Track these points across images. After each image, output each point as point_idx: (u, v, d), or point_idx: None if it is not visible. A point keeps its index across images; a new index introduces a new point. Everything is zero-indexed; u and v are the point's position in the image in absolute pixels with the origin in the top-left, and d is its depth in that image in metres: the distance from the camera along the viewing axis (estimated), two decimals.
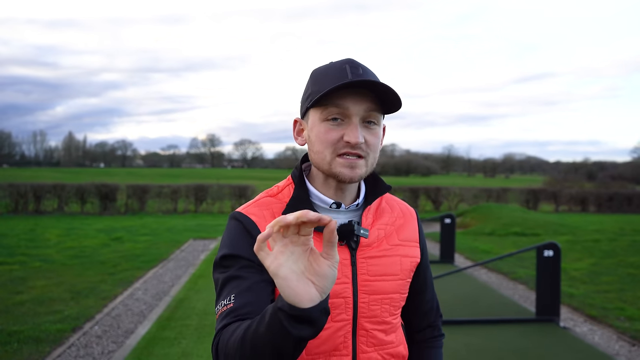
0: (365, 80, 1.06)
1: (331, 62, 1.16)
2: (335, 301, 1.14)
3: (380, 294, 1.18)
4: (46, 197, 17.26)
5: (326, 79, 1.11)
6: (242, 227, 1.15)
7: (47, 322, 5.26)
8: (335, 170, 1.12)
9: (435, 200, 20.93)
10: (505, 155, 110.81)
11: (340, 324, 1.15)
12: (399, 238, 1.26)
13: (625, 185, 32.56)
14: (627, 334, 5.34)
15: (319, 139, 1.13)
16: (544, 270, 5.55)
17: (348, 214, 1.22)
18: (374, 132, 1.14)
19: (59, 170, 65.22)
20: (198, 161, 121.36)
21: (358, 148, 1.11)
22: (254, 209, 1.19)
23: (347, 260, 1.16)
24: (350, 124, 1.10)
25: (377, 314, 1.18)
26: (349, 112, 1.10)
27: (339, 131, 1.11)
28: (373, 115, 1.13)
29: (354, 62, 1.13)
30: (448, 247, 9.17)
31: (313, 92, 1.13)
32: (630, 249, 10.90)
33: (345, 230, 1.14)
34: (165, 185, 19.16)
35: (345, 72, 1.09)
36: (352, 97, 1.09)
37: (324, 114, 1.11)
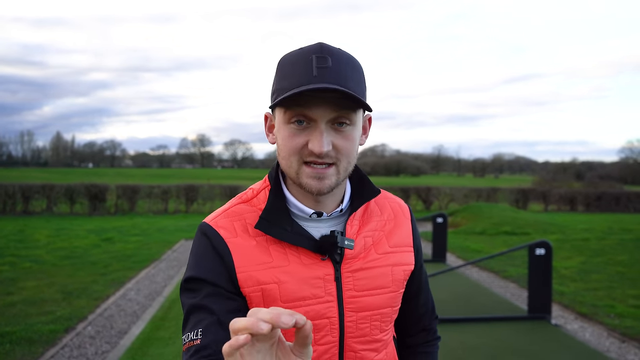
0: (323, 87, 0.92)
1: (301, 49, 1.00)
2: (319, 322, 1.02)
3: (369, 311, 1.07)
4: (35, 198, 17.09)
5: (291, 75, 0.96)
6: (209, 245, 1.03)
7: (39, 322, 5.22)
8: (302, 180, 1.00)
9: (426, 200, 21.04)
10: (495, 155, 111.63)
11: (325, 347, 1.04)
12: (390, 244, 1.13)
13: (613, 185, 32.94)
14: (617, 331, 5.41)
15: (284, 144, 1.00)
16: (535, 269, 5.60)
17: (330, 222, 1.09)
18: (345, 135, 0.99)
19: (46, 171, 64.57)
20: (188, 161, 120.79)
21: (325, 157, 0.98)
22: (224, 221, 1.05)
23: (331, 275, 1.04)
24: (315, 130, 0.96)
25: (367, 332, 1.07)
26: (313, 116, 0.96)
27: (303, 136, 0.98)
28: (344, 116, 0.97)
29: (324, 50, 0.96)
30: (440, 246, 9.23)
31: (277, 90, 0.99)
32: (618, 248, 11.04)
33: (327, 242, 1.03)
34: (156, 186, 19.06)
35: (310, 67, 0.94)
36: (316, 99, 0.94)
37: (287, 116, 0.98)
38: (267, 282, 1.00)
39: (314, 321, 1.02)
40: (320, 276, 1.03)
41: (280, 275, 1.00)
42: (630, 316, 5.90)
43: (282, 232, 1.02)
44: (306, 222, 1.07)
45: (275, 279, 1.00)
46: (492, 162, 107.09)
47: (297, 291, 1.01)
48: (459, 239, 12.39)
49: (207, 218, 1.09)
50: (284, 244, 1.03)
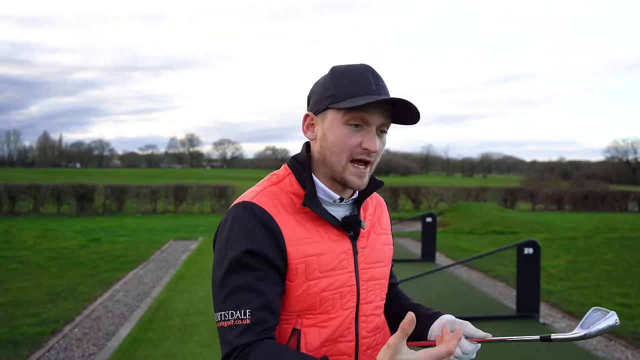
0: (394, 99, 1.13)
1: (350, 65, 1.22)
2: (344, 289, 1.20)
3: (374, 280, 1.27)
4: (21, 198, 16.88)
5: (351, 85, 1.17)
6: (258, 220, 1.13)
7: (25, 325, 5.16)
8: (347, 177, 1.19)
9: (415, 200, 21.12)
10: (483, 154, 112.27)
11: (347, 311, 1.21)
12: (381, 227, 1.36)
13: (599, 184, 33.40)
14: None
15: (338, 141, 1.17)
16: (524, 268, 5.64)
17: (346, 207, 1.28)
18: (383, 140, 1.23)
19: (33, 171, 63.83)
20: (177, 161, 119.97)
21: (371, 155, 1.19)
22: (265, 198, 1.18)
23: (350, 250, 1.23)
24: (370, 132, 1.17)
25: (373, 299, 1.27)
26: (370, 121, 1.17)
27: (358, 137, 1.17)
28: (386, 124, 1.21)
29: (374, 72, 1.20)
30: (429, 245, 9.26)
31: (337, 95, 1.17)
32: (604, 246, 11.17)
33: (352, 221, 1.22)
34: (144, 186, 18.92)
35: (370, 83, 1.17)
36: (375, 108, 1.16)
37: (345, 118, 1.16)
38: (310, 254, 1.16)
39: (340, 289, 1.19)
40: (344, 250, 1.22)
41: (318, 249, 1.17)
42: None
43: (320, 211, 1.19)
44: (328, 206, 1.24)
45: (316, 251, 1.16)
46: (480, 161, 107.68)
47: (330, 263, 1.18)
48: (448, 238, 12.45)
49: (245, 197, 1.19)
50: (314, 222, 1.19)
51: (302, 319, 1.16)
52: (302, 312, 1.16)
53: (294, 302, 1.15)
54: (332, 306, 1.18)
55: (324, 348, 1.17)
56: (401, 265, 8.62)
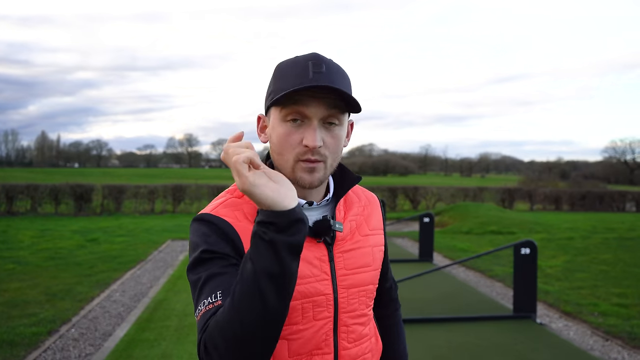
0: (323, 85, 1.03)
1: (296, 57, 1.11)
2: (317, 299, 1.12)
3: (357, 287, 1.18)
4: (19, 198, 16.83)
5: (288, 77, 1.07)
6: (216, 228, 1.07)
7: (22, 325, 5.14)
8: (297, 175, 1.10)
9: (413, 200, 21.13)
10: (481, 154, 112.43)
11: (322, 322, 1.13)
12: (369, 228, 1.26)
13: (597, 184, 33.41)
14: (601, 329, 5.48)
15: (279, 141, 1.09)
16: (521, 268, 5.65)
17: (319, 210, 1.19)
18: (333, 134, 1.10)
19: (31, 171, 63.71)
20: (175, 161, 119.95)
21: (317, 153, 1.08)
22: (224, 210, 1.11)
23: (325, 256, 1.14)
24: (310, 127, 1.07)
25: (356, 307, 1.18)
26: (308, 114, 1.06)
27: (299, 133, 1.07)
28: (334, 116, 1.08)
29: (318, 58, 1.08)
30: (427, 245, 9.26)
31: (274, 91, 1.09)
32: (602, 247, 11.18)
33: (321, 226, 1.13)
34: (142, 186, 18.89)
35: (307, 71, 1.06)
36: (311, 99, 1.05)
37: (283, 114, 1.08)
38: None
39: (312, 298, 1.11)
40: (317, 257, 1.14)
41: None
42: (613, 314, 5.97)
43: None
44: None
45: None
46: (478, 161, 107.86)
47: (299, 271, 1.09)
48: (445, 238, 12.46)
49: (203, 210, 1.13)
50: None
51: None
52: None
53: None
54: (302, 317, 1.10)
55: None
56: (399, 265, 8.62)
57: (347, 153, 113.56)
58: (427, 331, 5.14)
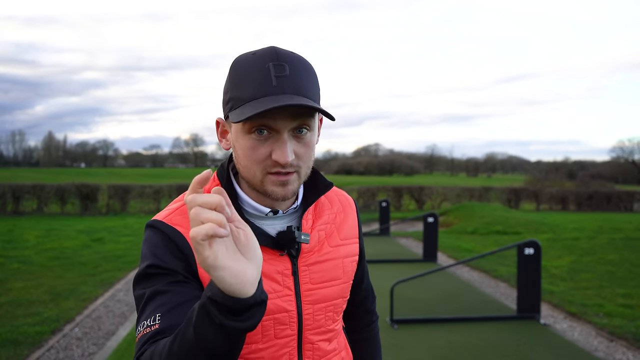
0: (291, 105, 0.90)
1: (254, 53, 0.98)
2: (279, 316, 1.04)
3: (324, 302, 1.10)
4: (25, 198, 16.96)
5: (247, 84, 0.95)
6: (167, 239, 0.99)
7: (26, 324, 5.17)
8: (267, 188, 1.00)
9: (418, 200, 21.08)
10: (488, 154, 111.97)
11: (285, 340, 1.06)
12: (341, 237, 1.17)
13: (604, 184, 33.16)
14: (606, 330, 5.44)
15: (245, 155, 0.99)
16: (525, 268, 5.62)
17: (286, 219, 1.10)
18: (305, 142, 1.00)
19: (38, 171, 64.12)
20: (181, 161, 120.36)
21: (289, 166, 0.98)
22: (178, 218, 1.02)
23: (289, 270, 1.06)
24: (278, 140, 0.96)
25: (322, 323, 1.11)
26: (275, 127, 0.95)
27: (266, 147, 0.97)
28: (305, 123, 0.97)
29: (279, 57, 0.96)
30: (431, 245, 9.23)
31: (234, 99, 0.97)
32: (608, 247, 11.10)
33: (284, 238, 1.05)
34: (148, 186, 18.97)
35: (269, 77, 0.93)
36: (279, 111, 0.93)
37: (247, 127, 0.96)
38: None
39: (274, 315, 1.03)
40: (279, 271, 1.05)
41: None
42: (618, 315, 5.92)
43: None
44: (261, 220, 1.08)
45: None
46: (485, 161, 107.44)
47: None
48: (450, 238, 12.41)
49: (157, 216, 1.05)
50: None
51: None
52: None
53: None
54: (262, 335, 1.03)
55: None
56: (403, 265, 8.60)
57: (353, 153, 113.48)
58: (428, 331, 5.12)
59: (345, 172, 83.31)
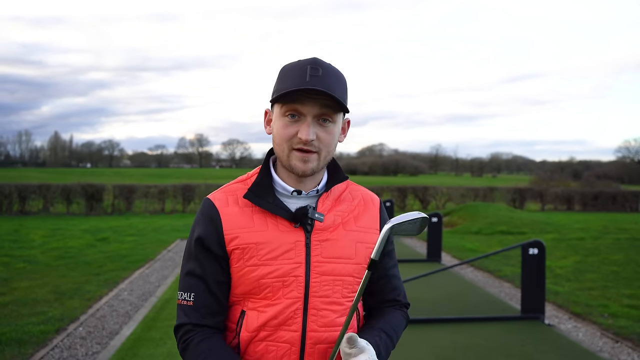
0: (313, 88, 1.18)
1: (299, 60, 1.26)
2: (287, 279, 1.24)
3: (332, 275, 1.26)
4: (31, 198, 17.05)
5: (288, 78, 1.23)
6: (205, 213, 1.29)
7: (31, 323, 5.19)
8: (291, 162, 1.25)
9: (422, 200, 21.05)
10: (492, 154, 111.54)
11: (290, 300, 1.24)
12: (357, 225, 1.35)
13: (609, 184, 32.99)
14: (611, 331, 5.41)
15: (278, 133, 1.26)
16: (529, 268, 5.59)
17: (308, 200, 1.32)
18: (327, 130, 1.25)
19: (44, 171, 64.41)
20: (186, 161, 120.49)
21: (310, 145, 1.23)
22: (220, 194, 1.32)
23: (302, 242, 1.26)
24: (304, 122, 1.23)
25: (329, 294, 1.26)
26: (303, 111, 1.22)
27: (294, 127, 1.23)
28: (327, 114, 1.24)
29: (317, 63, 1.23)
30: (435, 245, 9.22)
31: (277, 89, 1.25)
32: (613, 247, 11.05)
33: (300, 213, 1.26)
34: (153, 186, 19.03)
35: (305, 74, 1.20)
36: (307, 99, 1.21)
37: (282, 110, 1.25)
38: (248, 242, 1.24)
39: (283, 278, 1.24)
40: (292, 241, 1.26)
41: (258, 238, 1.24)
42: (624, 316, 5.89)
43: (264, 203, 1.27)
44: (287, 198, 1.31)
45: (255, 240, 1.24)
46: (489, 161, 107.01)
47: (272, 252, 1.24)
48: (454, 238, 12.38)
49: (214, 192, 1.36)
50: (266, 214, 1.27)
51: (247, 301, 1.27)
52: (246, 296, 1.27)
53: (236, 285, 1.27)
54: (273, 293, 1.24)
55: (262, 332, 1.24)
56: (407, 265, 8.59)
57: (357, 153, 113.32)
58: (432, 331, 5.10)
59: (350, 172, 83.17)
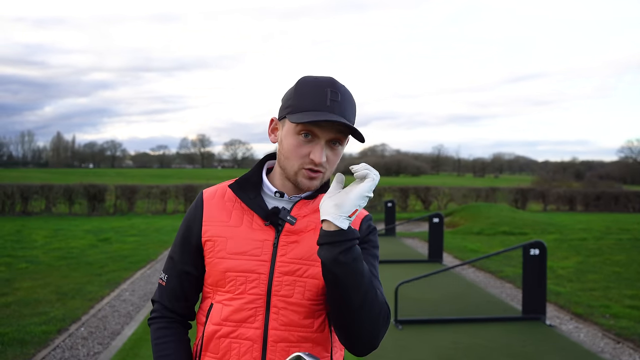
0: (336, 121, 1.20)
1: (317, 79, 1.28)
2: (250, 275, 1.27)
3: (293, 276, 1.28)
4: (33, 198, 17.09)
5: (308, 98, 1.25)
6: (195, 204, 1.38)
7: (32, 323, 5.21)
8: (298, 179, 1.29)
9: (424, 200, 21.03)
10: (495, 155, 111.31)
11: (253, 297, 1.27)
12: None
13: (612, 184, 32.93)
14: (612, 332, 5.40)
15: (290, 149, 1.28)
16: (530, 269, 5.59)
17: (289, 203, 1.36)
18: (336, 152, 1.29)
19: (47, 171, 64.57)
20: (188, 161, 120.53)
21: (320, 166, 1.27)
22: (211, 190, 1.41)
23: (270, 241, 1.30)
24: (318, 144, 1.25)
25: (290, 294, 1.27)
26: (319, 134, 1.25)
27: (307, 147, 1.26)
28: (339, 139, 1.27)
29: (335, 87, 1.25)
30: (436, 246, 9.22)
31: (294, 106, 1.26)
32: (616, 247, 11.03)
33: (271, 212, 1.31)
34: (155, 186, 19.06)
35: (325, 98, 1.23)
36: (325, 124, 1.24)
37: (297, 129, 1.26)
38: (220, 235, 1.31)
39: (246, 274, 1.28)
40: (261, 239, 1.30)
41: (230, 232, 1.31)
42: (625, 316, 5.88)
43: (245, 198, 1.33)
44: (270, 198, 1.36)
45: (226, 234, 1.31)
46: (492, 162, 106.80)
47: (240, 247, 1.29)
48: (456, 239, 12.38)
49: None
50: (244, 211, 1.33)
51: (215, 294, 1.32)
52: (214, 287, 1.32)
53: (208, 275, 1.33)
54: (236, 287, 1.28)
55: (225, 327, 1.28)
56: (408, 265, 8.59)
57: (359, 153, 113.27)
58: (433, 332, 5.11)
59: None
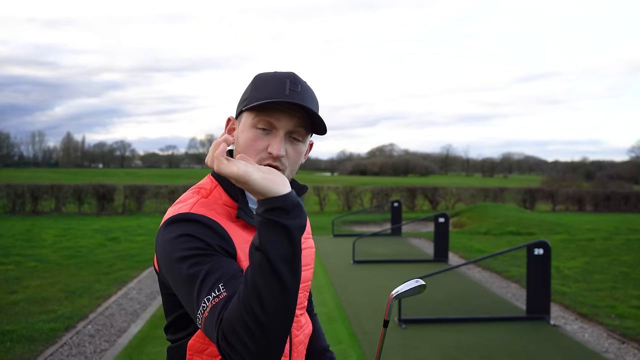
0: (296, 103, 1.13)
1: (275, 72, 1.21)
2: None
3: (303, 282, 1.31)
4: (43, 198, 17.26)
5: (266, 89, 1.17)
6: (204, 225, 1.09)
7: (41, 321, 5.29)
8: None
9: (432, 200, 20.97)
10: (504, 154, 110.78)
11: None
12: (306, 232, 1.40)
13: (622, 184, 32.62)
14: (617, 332, 5.38)
15: (246, 144, 1.17)
16: (534, 269, 5.59)
17: None
18: (296, 148, 1.20)
19: (57, 171, 65.18)
20: (197, 162, 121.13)
21: (278, 161, 1.17)
22: (202, 209, 1.14)
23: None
24: (276, 137, 1.16)
25: (302, 300, 1.32)
26: (277, 125, 1.16)
27: (265, 141, 1.16)
28: (299, 132, 1.19)
29: (295, 79, 1.19)
30: (441, 245, 9.21)
31: (250, 98, 1.18)
32: (624, 248, 10.95)
33: None
34: (163, 186, 19.18)
35: (284, 87, 1.16)
36: (282, 113, 1.16)
37: (254, 121, 1.17)
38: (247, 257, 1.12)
39: None
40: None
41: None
42: (631, 317, 5.86)
43: (251, 220, 1.19)
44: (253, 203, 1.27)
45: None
46: (501, 162, 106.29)
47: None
48: (463, 238, 12.35)
49: (179, 211, 1.13)
50: (247, 229, 1.19)
51: None
52: None
53: None
54: None
55: None
56: (413, 265, 8.60)
57: (367, 153, 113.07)
58: (437, 331, 5.12)
59: (360, 172, 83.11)
